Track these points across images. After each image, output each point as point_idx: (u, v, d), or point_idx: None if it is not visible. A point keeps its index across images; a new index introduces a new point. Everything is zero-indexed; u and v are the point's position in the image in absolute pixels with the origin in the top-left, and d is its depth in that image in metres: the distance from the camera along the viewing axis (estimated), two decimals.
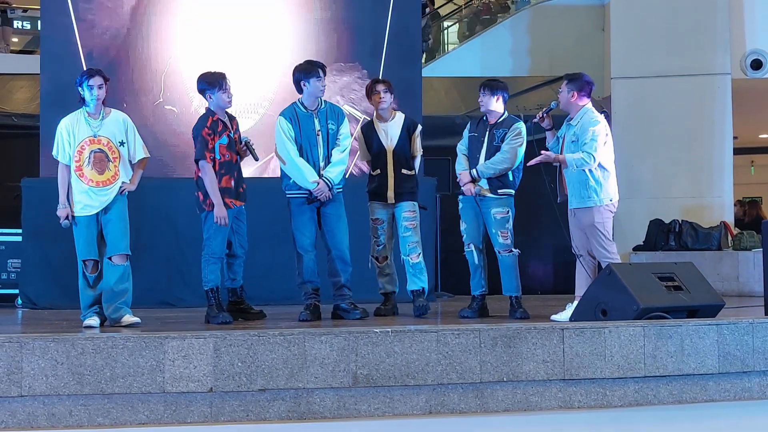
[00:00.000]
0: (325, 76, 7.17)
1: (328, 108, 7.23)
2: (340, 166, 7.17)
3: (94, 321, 6.69)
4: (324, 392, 5.34)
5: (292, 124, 7.10)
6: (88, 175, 6.72)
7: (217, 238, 7.00)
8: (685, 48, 12.21)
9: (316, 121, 7.14)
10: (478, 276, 7.41)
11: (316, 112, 7.16)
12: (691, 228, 11.45)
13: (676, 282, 6.43)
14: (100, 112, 6.79)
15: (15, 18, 16.16)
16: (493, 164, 7.23)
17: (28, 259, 9.31)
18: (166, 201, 8.35)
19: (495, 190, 7.25)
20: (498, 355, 5.50)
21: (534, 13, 14.26)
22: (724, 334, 5.82)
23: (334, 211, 7.20)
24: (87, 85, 6.71)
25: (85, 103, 6.77)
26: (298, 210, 7.17)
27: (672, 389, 5.75)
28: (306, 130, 7.11)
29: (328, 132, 7.16)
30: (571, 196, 7.02)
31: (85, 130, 6.74)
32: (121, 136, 6.81)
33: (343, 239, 7.24)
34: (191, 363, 5.21)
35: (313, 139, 7.12)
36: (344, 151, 7.21)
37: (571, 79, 7.13)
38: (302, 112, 7.16)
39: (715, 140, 12.21)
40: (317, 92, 7.09)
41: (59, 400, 5.16)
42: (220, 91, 6.97)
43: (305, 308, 7.15)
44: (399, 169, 7.45)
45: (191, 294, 8.90)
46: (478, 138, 7.35)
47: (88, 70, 6.92)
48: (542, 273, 11.29)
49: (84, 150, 6.72)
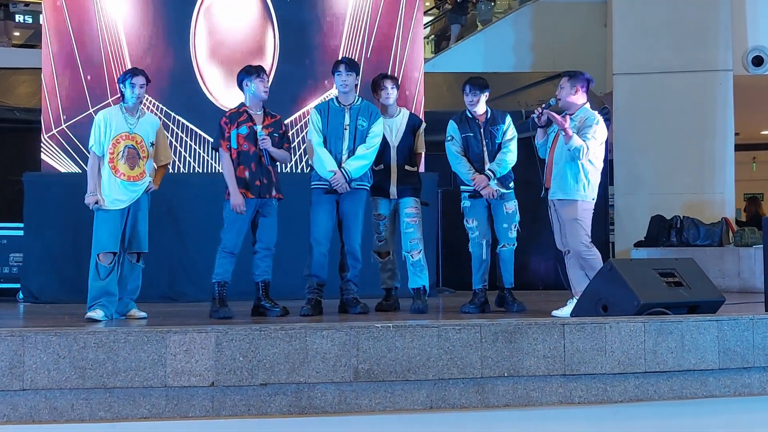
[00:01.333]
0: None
1: (363, 105, 7.35)
2: (361, 160, 7.22)
3: (97, 314, 6.72)
4: (325, 387, 5.35)
5: (321, 116, 7.30)
6: (121, 169, 6.89)
7: (231, 232, 7.06)
8: (687, 44, 12.21)
9: (347, 116, 7.27)
10: (483, 270, 7.46)
11: (349, 108, 7.29)
12: (693, 224, 11.44)
13: (677, 278, 6.44)
14: (138, 111, 7.02)
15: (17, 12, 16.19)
16: (506, 162, 7.39)
17: (30, 253, 9.31)
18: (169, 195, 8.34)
19: (507, 185, 7.42)
20: (499, 351, 5.51)
21: (536, 9, 14.26)
22: (725, 330, 5.83)
23: (351, 208, 7.28)
24: (130, 83, 6.94)
25: (124, 100, 6.98)
26: (317, 200, 7.28)
27: (672, 385, 5.77)
28: (334, 123, 7.26)
29: (357, 128, 7.26)
30: (556, 188, 7.03)
31: (122, 124, 6.93)
32: (152, 137, 7.04)
33: (356, 236, 7.32)
34: (193, 357, 5.23)
35: (340, 132, 7.24)
36: (370, 148, 7.25)
37: (571, 75, 7.15)
38: (335, 106, 7.34)
39: (716, 136, 12.20)
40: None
41: (61, 394, 5.18)
42: (258, 79, 7.12)
43: (307, 302, 7.19)
44: (402, 164, 7.49)
45: (193, 288, 8.92)
46: (474, 138, 7.38)
47: (133, 69, 7.18)
48: (543, 268, 11.28)
49: (119, 143, 6.91)
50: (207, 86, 9.83)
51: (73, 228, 8.84)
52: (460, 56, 13.94)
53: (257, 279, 7.15)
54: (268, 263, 7.15)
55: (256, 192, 7.04)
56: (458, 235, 7.83)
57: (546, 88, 12.37)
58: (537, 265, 11.29)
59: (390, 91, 7.48)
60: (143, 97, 7.06)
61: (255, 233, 7.15)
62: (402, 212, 7.49)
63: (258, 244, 7.14)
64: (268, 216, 7.14)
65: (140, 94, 6.97)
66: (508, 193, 7.47)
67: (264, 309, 7.12)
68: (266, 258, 7.14)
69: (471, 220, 7.44)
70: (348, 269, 7.36)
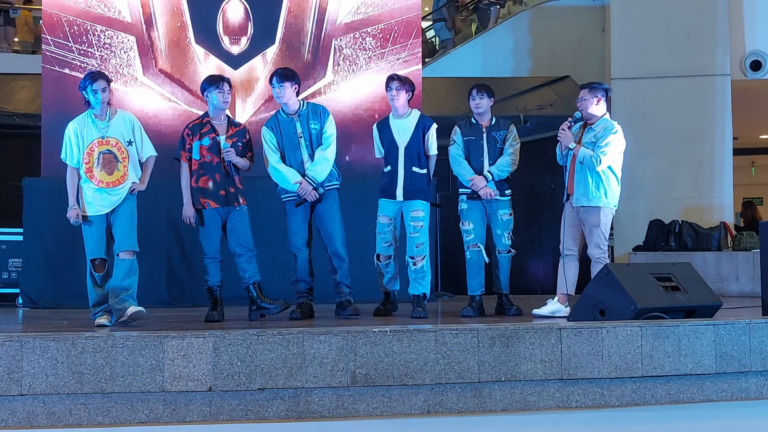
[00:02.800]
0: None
1: (309, 109, 7.37)
2: (323, 163, 7.26)
3: (105, 320, 6.73)
4: (323, 392, 5.36)
5: (273, 132, 7.33)
6: (98, 177, 6.78)
7: (204, 239, 7.17)
8: (685, 49, 12.22)
9: (298, 125, 7.31)
10: (480, 276, 7.47)
11: (297, 116, 7.31)
12: (691, 228, 11.46)
13: (674, 282, 6.46)
14: (107, 114, 6.85)
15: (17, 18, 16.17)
16: (505, 167, 7.42)
17: (29, 258, 9.33)
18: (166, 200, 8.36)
19: (503, 192, 7.42)
20: (496, 355, 5.52)
21: (535, 14, 14.27)
22: (722, 335, 5.83)
23: (326, 209, 7.33)
24: (91, 89, 6.76)
25: (91, 106, 6.82)
26: (291, 211, 7.35)
27: (669, 389, 5.77)
28: (287, 135, 7.30)
29: (311, 132, 7.27)
30: (579, 195, 7.15)
31: (93, 132, 6.80)
32: (128, 135, 6.87)
33: (336, 236, 7.34)
34: (191, 362, 5.24)
35: (295, 142, 7.29)
36: (327, 149, 7.28)
37: (591, 87, 7.32)
38: (283, 118, 7.36)
39: (715, 141, 12.21)
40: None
41: (59, 399, 5.19)
42: (217, 90, 7.12)
43: (297, 307, 7.26)
44: (410, 166, 7.43)
45: (191, 293, 8.95)
46: (476, 142, 7.41)
47: (90, 74, 6.96)
48: (542, 273, 11.30)
49: (93, 151, 6.79)
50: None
51: (72, 233, 8.77)
52: (458, 61, 13.94)
53: (249, 282, 7.17)
54: (255, 264, 7.20)
55: (222, 201, 7.09)
56: (457, 240, 7.83)
57: (544, 92, 12.41)
58: (535, 269, 11.31)
59: (395, 92, 7.45)
60: (108, 99, 6.82)
61: (230, 240, 7.17)
62: (408, 215, 7.44)
63: (238, 248, 7.16)
64: (239, 221, 7.17)
65: (104, 98, 6.77)
66: (506, 200, 7.49)
67: (264, 309, 7.13)
68: (251, 260, 7.18)
69: (467, 222, 7.45)
70: (336, 271, 7.40)
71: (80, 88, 6.84)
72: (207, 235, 7.14)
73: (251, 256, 7.17)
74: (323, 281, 7.45)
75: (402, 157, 7.44)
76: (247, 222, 7.20)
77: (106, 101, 6.82)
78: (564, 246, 7.27)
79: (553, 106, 11.91)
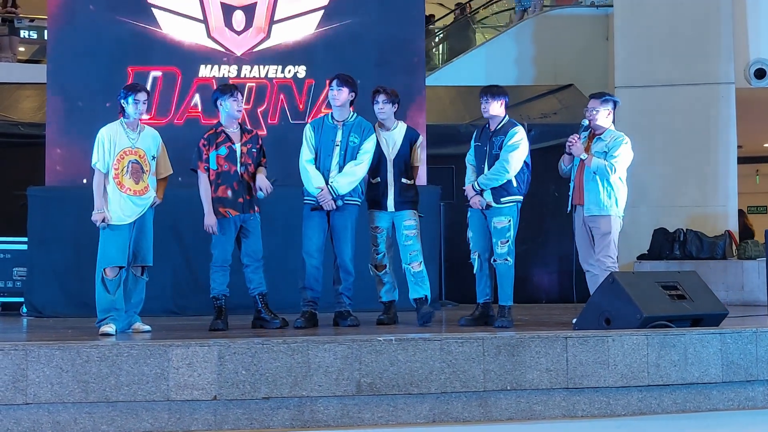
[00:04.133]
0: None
1: (356, 122, 7.39)
2: (349, 177, 7.24)
3: (110, 328, 6.75)
4: (328, 400, 5.36)
5: (314, 132, 7.38)
6: (127, 184, 6.90)
7: (218, 247, 7.14)
8: (689, 57, 12.21)
9: (339, 133, 7.33)
10: (483, 284, 7.40)
11: (342, 124, 7.35)
12: (696, 237, 11.43)
13: (680, 291, 6.45)
14: (138, 126, 7.03)
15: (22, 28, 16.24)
16: (491, 175, 7.20)
17: (34, 267, 9.31)
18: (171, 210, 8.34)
19: (498, 200, 7.22)
20: (501, 364, 5.51)
21: (538, 23, 14.28)
22: (728, 343, 5.83)
23: (341, 222, 7.33)
24: (133, 99, 6.92)
25: (125, 116, 6.98)
26: (308, 215, 7.36)
27: (675, 398, 5.76)
28: (325, 140, 7.33)
29: (348, 144, 7.30)
30: (590, 204, 7.11)
31: (124, 140, 6.94)
32: (153, 150, 7.05)
33: (346, 250, 7.34)
34: (195, 371, 5.24)
35: (330, 149, 7.30)
36: (359, 165, 7.28)
37: (605, 98, 7.33)
38: (329, 123, 7.41)
39: (719, 149, 12.20)
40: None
41: (64, 407, 5.19)
42: (231, 98, 7.15)
43: (301, 315, 7.25)
44: (399, 178, 7.46)
45: (196, 302, 8.91)
46: (482, 147, 7.37)
47: (134, 85, 7.20)
48: (547, 282, 11.28)
49: (123, 159, 6.91)
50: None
51: (77, 242, 8.84)
52: (462, 70, 13.96)
53: (254, 292, 7.20)
54: (261, 275, 7.22)
55: (241, 209, 7.14)
56: (460, 249, 7.81)
57: (548, 101, 12.41)
58: (540, 278, 11.28)
59: (382, 105, 7.45)
60: (144, 112, 7.07)
61: (241, 248, 7.21)
62: (400, 225, 7.46)
63: (246, 258, 7.20)
64: (252, 230, 7.20)
65: (143, 110, 7.00)
66: (501, 208, 7.20)
67: (264, 321, 7.16)
68: (258, 270, 7.20)
69: (469, 230, 7.42)
70: (340, 281, 7.42)
71: (120, 96, 6.99)
72: (221, 243, 7.13)
73: (258, 267, 7.20)
74: (326, 290, 7.44)
75: (391, 169, 7.46)
76: (258, 232, 7.23)
77: (143, 113, 7.04)
78: (582, 259, 7.21)
79: (557, 115, 11.90)
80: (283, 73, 9.77)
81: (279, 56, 9.77)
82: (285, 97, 9.73)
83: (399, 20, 10.04)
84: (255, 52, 9.79)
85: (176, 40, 9.75)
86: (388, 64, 9.80)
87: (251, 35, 9.82)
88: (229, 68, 9.75)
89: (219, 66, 9.71)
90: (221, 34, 9.78)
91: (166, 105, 9.62)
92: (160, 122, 9.32)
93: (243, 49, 9.79)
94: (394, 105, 7.50)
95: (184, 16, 9.78)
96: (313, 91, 9.77)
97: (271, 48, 9.82)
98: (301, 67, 9.80)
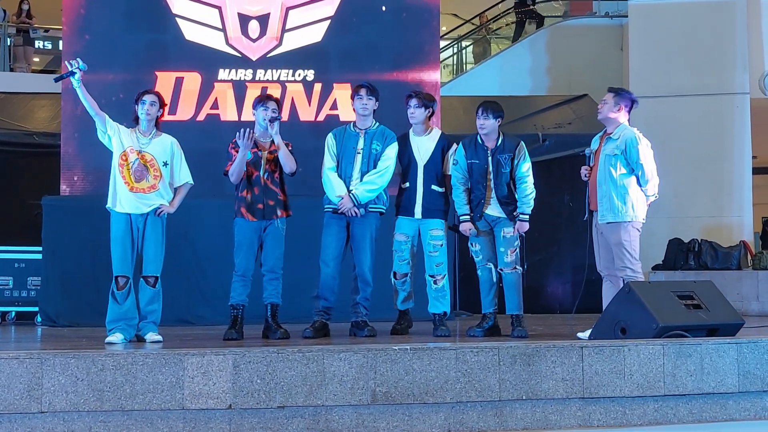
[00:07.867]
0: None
1: (378, 130, 7.38)
2: (370, 185, 7.23)
3: (117, 338, 6.74)
4: (343, 410, 5.34)
5: (336, 140, 7.39)
6: (126, 178, 6.93)
7: (239, 255, 7.16)
8: (703, 67, 12.20)
9: (361, 141, 7.34)
10: (492, 294, 7.32)
11: (364, 132, 7.36)
12: (711, 247, 11.40)
13: (696, 300, 6.42)
14: (151, 132, 7.04)
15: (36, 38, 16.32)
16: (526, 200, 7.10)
17: (48, 277, 9.35)
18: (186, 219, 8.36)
19: (510, 215, 7.13)
20: (517, 373, 5.49)
21: (552, 33, 14.29)
22: (744, 353, 5.79)
23: (360, 231, 7.31)
24: (141, 101, 7.00)
25: (139, 122, 7.03)
26: (327, 222, 7.37)
27: (692, 408, 5.73)
28: (347, 148, 7.34)
29: (371, 152, 7.29)
30: (604, 211, 6.93)
31: (133, 140, 6.98)
32: (165, 157, 7.03)
33: (365, 259, 7.30)
34: (210, 380, 5.23)
35: (352, 156, 7.30)
36: (380, 173, 7.26)
37: (617, 92, 7.10)
38: (350, 131, 7.42)
39: (734, 159, 12.18)
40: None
41: (79, 416, 5.18)
42: (261, 108, 7.22)
43: (311, 325, 7.22)
44: (429, 184, 7.36)
45: (211, 311, 8.93)
46: (480, 165, 7.18)
47: (146, 90, 7.25)
48: (561, 292, 11.24)
49: (129, 155, 6.95)
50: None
51: (92, 252, 8.87)
52: (476, 80, 13.97)
53: (265, 302, 7.21)
54: (275, 286, 7.19)
55: (260, 215, 7.12)
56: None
57: (562, 111, 12.40)
58: (555, 288, 11.25)
59: (414, 109, 7.41)
60: (155, 117, 7.03)
61: (260, 256, 7.22)
62: (427, 234, 7.37)
63: (263, 267, 7.20)
64: (273, 238, 7.17)
65: (151, 112, 6.97)
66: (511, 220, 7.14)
67: (269, 332, 7.16)
68: (272, 281, 7.18)
69: (474, 243, 7.30)
70: (358, 291, 7.38)
71: (135, 101, 7.06)
72: (241, 250, 7.14)
73: (273, 278, 7.18)
74: (342, 299, 7.42)
75: (421, 175, 7.39)
76: (281, 241, 7.18)
77: (153, 117, 7.02)
78: (601, 266, 7.07)
79: (571, 125, 11.88)
80: (294, 77, 10.30)
81: (290, 61, 10.34)
82: (295, 98, 10.25)
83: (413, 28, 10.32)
84: (268, 58, 10.35)
85: (198, 46, 10.28)
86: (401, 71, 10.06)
87: (265, 42, 10.36)
88: (245, 72, 10.30)
89: (236, 70, 10.26)
90: (238, 41, 10.34)
91: (190, 104, 10.15)
92: (183, 119, 9.93)
93: (257, 54, 10.34)
94: (426, 110, 7.43)
95: (205, 25, 10.33)
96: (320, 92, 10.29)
97: (283, 54, 10.36)
98: (309, 71, 10.32)
